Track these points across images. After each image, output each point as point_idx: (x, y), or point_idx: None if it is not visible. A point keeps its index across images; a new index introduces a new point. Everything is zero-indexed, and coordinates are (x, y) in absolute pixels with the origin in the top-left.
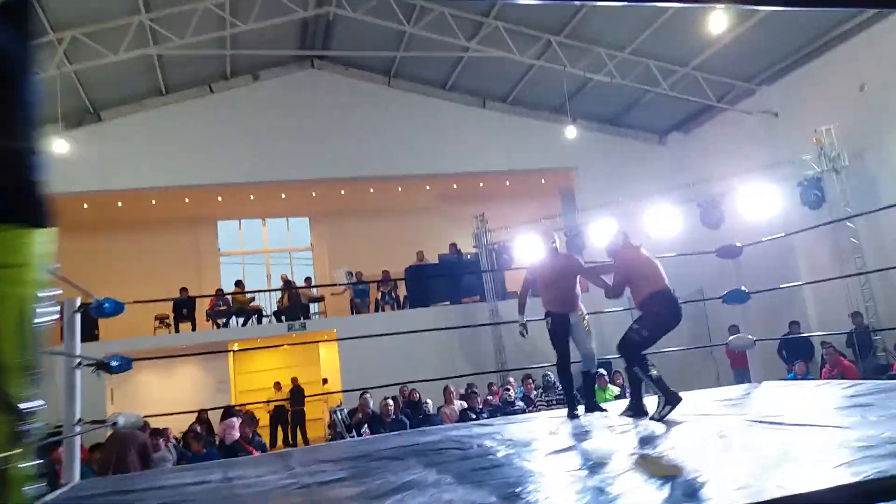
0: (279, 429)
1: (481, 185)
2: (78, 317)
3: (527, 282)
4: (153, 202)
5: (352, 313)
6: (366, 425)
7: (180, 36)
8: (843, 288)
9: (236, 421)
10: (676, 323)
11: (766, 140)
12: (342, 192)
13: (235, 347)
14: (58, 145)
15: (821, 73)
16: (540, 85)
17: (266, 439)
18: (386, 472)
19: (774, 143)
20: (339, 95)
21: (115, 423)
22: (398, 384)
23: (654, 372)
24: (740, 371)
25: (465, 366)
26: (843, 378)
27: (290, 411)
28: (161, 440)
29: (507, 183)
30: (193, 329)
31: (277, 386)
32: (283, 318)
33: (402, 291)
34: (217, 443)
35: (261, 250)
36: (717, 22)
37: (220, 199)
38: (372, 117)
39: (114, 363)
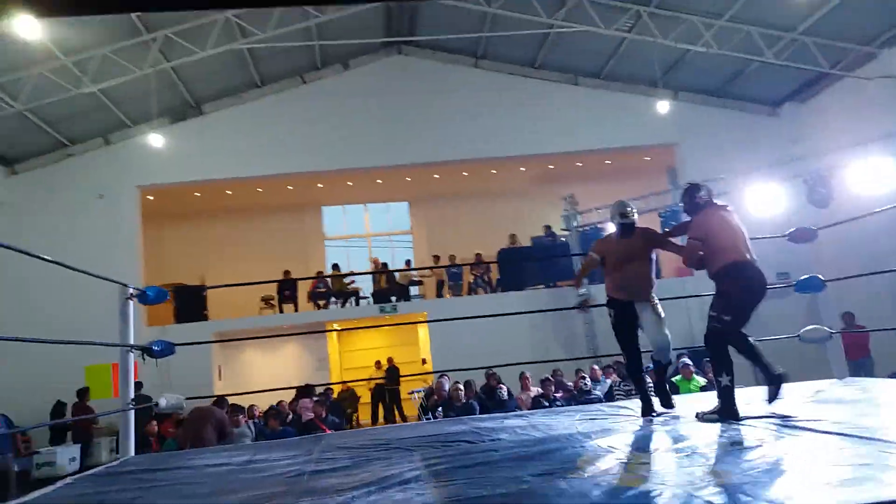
0: (379, 406)
1: (579, 164)
2: (130, 304)
3: (590, 260)
4: (258, 190)
5: (438, 295)
6: (440, 408)
7: (265, 30)
8: None
9: (309, 402)
10: (759, 298)
11: (890, 107)
12: (436, 176)
13: (335, 327)
14: (163, 138)
15: None
16: (633, 58)
17: (368, 416)
18: (377, 464)
19: None
20: (427, 80)
21: (156, 405)
22: (484, 367)
23: (724, 380)
24: (857, 361)
25: (558, 351)
26: None
27: (387, 390)
28: (241, 416)
29: (608, 162)
30: (296, 310)
31: (378, 365)
32: (380, 299)
33: (496, 275)
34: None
35: (363, 234)
36: None
37: (320, 185)
38: (461, 100)
39: (156, 348)
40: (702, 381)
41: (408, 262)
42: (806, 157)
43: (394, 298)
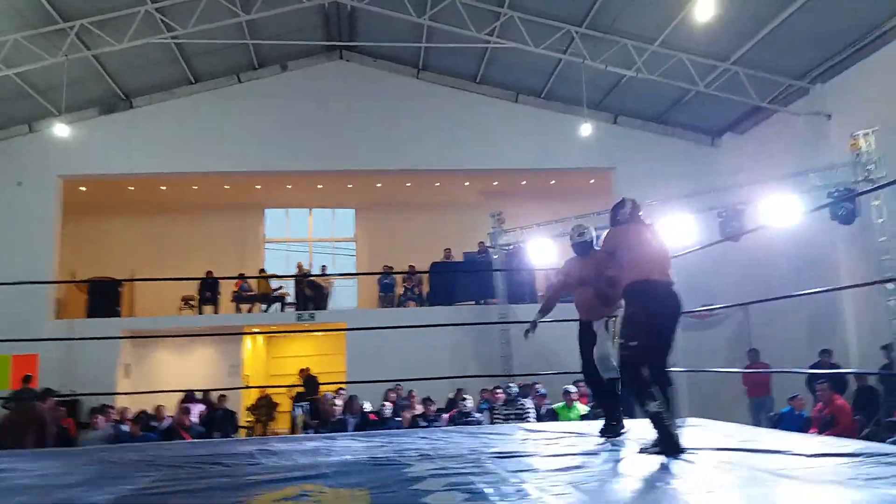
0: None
1: (524, 182)
2: None
3: (554, 283)
4: (194, 188)
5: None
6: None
7: (188, 25)
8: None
9: (164, 410)
10: (671, 323)
11: (815, 144)
12: (378, 185)
13: (255, 332)
14: (93, 129)
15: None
16: (572, 80)
17: (289, 424)
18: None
19: (824, 147)
20: (369, 87)
21: None
22: (396, 381)
23: (651, 405)
24: (758, 399)
25: (475, 369)
26: (831, 421)
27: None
28: (101, 418)
29: (553, 182)
30: (215, 312)
31: (302, 373)
32: (304, 306)
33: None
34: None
35: (304, 239)
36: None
37: (258, 187)
38: (403, 110)
39: None
40: (583, 408)
41: (323, 268)
42: (741, 187)
43: (310, 305)
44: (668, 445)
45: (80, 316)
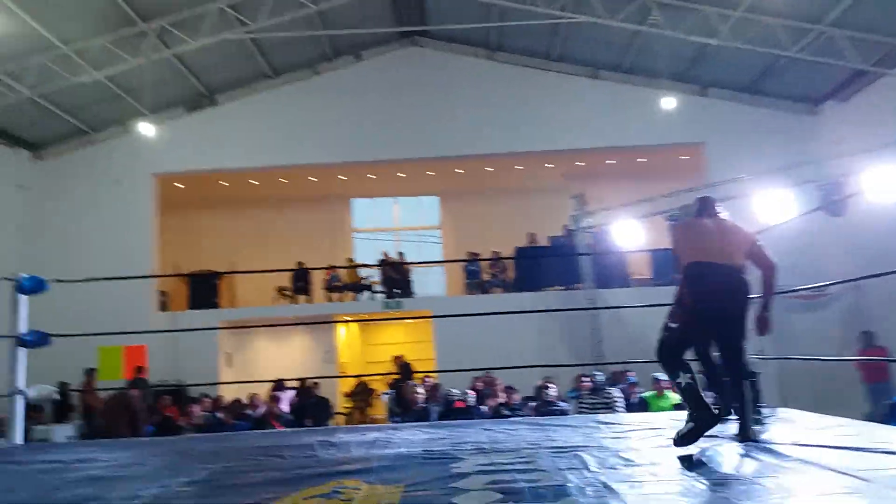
0: None
1: (611, 162)
2: (22, 297)
3: None
4: (282, 181)
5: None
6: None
7: (260, 19)
8: None
9: (259, 398)
10: (709, 308)
11: None
12: (458, 171)
13: (346, 320)
14: (181, 127)
15: None
16: (654, 51)
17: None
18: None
19: None
20: (442, 72)
21: (22, 394)
22: (485, 369)
23: (682, 379)
24: (876, 385)
25: (565, 356)
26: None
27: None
28: (196, 407)
29: (643, 160)
30: (309, 301)
31: (396, 360)
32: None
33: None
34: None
35: (390, 227)
36: None
37: (342, 177)
38: (477, 93)
39: (28, 338)
40: (676, 397)
41: (400, 255)
42: (843, 158)
43: (398, 293)
44: (702, 417)
45: (182, 308)
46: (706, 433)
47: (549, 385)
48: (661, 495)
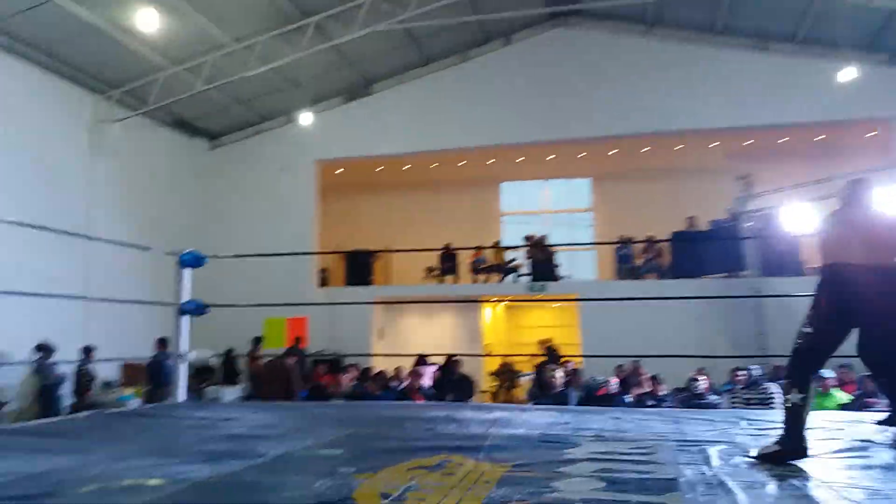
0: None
1: (783, 140)
2: (186, 272)
3: None
4: (433, 165)
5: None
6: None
7: (411, 8)
8: None
9: (404, 370)
10: (844, 314)
11: None
12: (613, 151)
13: (493, 301)
14: (340, 116)
15: None
16: (833, 18)
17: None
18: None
19: None
20: (595, 51)
21: (182, 357)
22: (631, 356)
23: (793, 397)
24: None
25: (726, 347)
26: None
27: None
28: (346, 376)
29: (821, 137)
30: (456, 281)
31: (542, 343)
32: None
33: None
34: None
35: (540, 210)
36: None
37: (491, 161)
38: (633, 71)
39: (187, 307)
40: (844, 396)
41: (543, 238)
42: None
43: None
44: (790, 446)
45: (340, 285)
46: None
47: (699, 377)
48: (779, 499)
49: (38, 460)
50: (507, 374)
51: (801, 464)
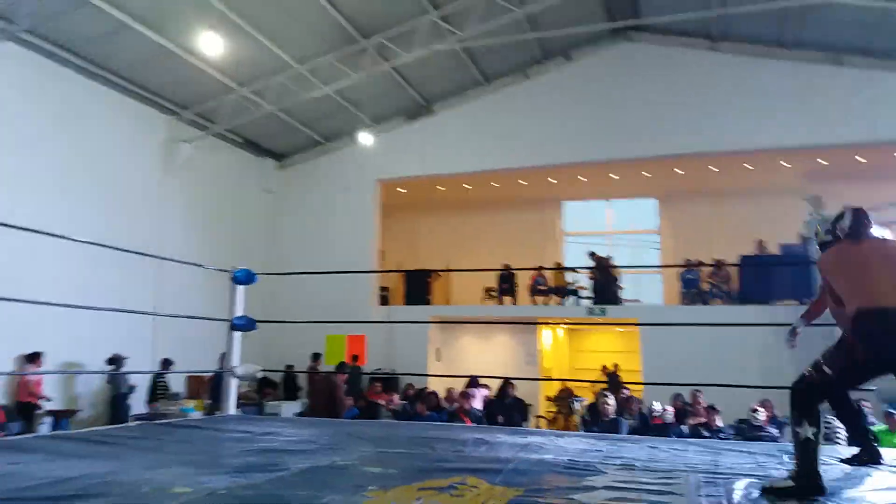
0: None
1: (861, 160)
2: (239, 289)
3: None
4: (494, 185)
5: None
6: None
7: (468, 28)
8: None
9: (455, 392)
10: (886, 365)
11: None
12: (678, 171)
13: (549, 323)
14: (401, 136)
15: None
16: None
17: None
18: (347, 451)
19: None
20: (658, 67)
21: (231, 371)
22: (693, 385)
23: (805, 431)
24: None
25: (794, 377)
26: None
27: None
28: (395, 396)
29: None
30: (514, 302)
31: (604, 369)
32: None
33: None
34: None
35: (603, 231)
36: None
37: (552, 180)
38: (698, 87)
39: (238, 323)
40: None
41: (607, 260)
42: None
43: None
44: (805, 483)
45: (400, 303)
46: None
47: (759, 408)
48: None
49: (76, 466)
50: (565, 400)
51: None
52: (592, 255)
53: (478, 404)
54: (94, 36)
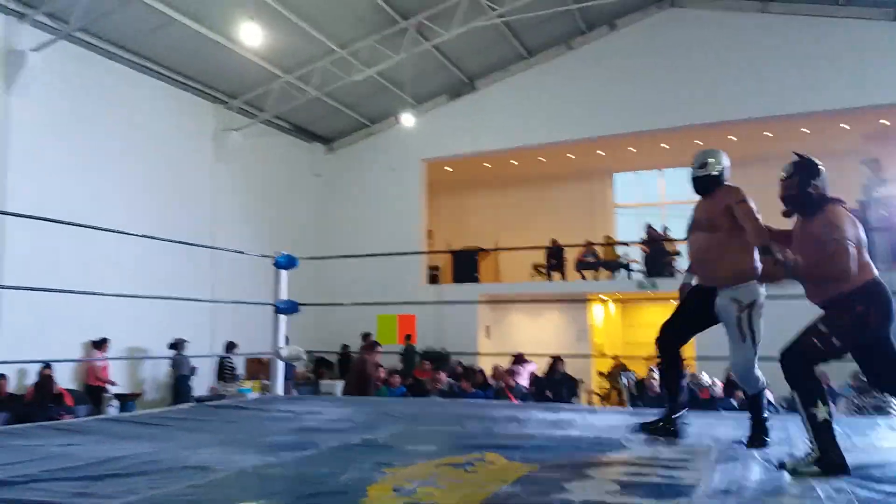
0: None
1: None
2: (283, 273)
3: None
4: (541, 159)
5: None
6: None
7: (507, 2)
8: None
9: (501, 369)
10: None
11: None
12: (731, 138)
13: (602, 298)
14: (444, 114)
15: None
16: None
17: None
18: (379, 429)
19: None
20: (707, 32)
21: (276, 353)
22: None
23: (821, 412)
24: None
25: None
26: None
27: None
28: (442, 374)
29: None
30: (563, 278)
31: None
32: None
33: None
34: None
35: (656, 203)
36: None
37: (600, 152)
38: (749, 51)
39: (281, 306)
40: None
41: (665, 231)
42: None
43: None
44: (830, 463)
45: (448, 282)
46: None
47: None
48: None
49: (123, 447)
50: (617, 376)
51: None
52: (649, 227)
53: (523, 381)
54: (143, 31)
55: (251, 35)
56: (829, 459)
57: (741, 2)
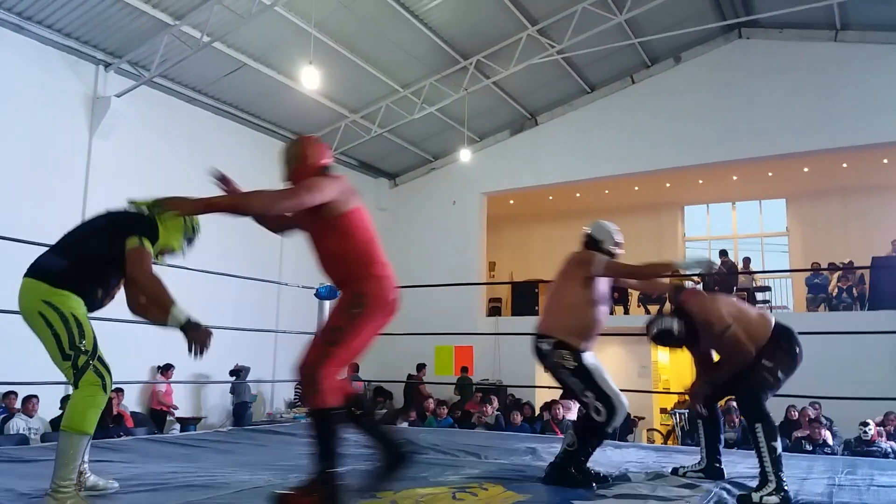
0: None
1: None
2: (325, 304)
3: None
4: (606, 192)
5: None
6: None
7: (566, 38)
8: None
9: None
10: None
11: None
12: (805, 169)
13: None
14: (507, 149)
15: None
16: None
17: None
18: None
19: None
20: (776, 62)
21: None
22: (809, 397)
23: (778, 445)
24: None
25: None
26: None
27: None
28: (489, 407)
29: None
30: (625, 312)
31: None
32: None
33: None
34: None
35: (728, 235)
36: None
37: (667, 185)
38: (820, 80)
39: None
40: None
41: (746, 261)
42: None
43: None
44: (785, 496)
45: (508, 315)
46: None
47: (869, 421)
48: None
49: (150, 466)
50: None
51: None
52: (723, 253)
53: (571, 416)
54: (217, 76)
55: (310, 78)
56: (783, 490)
57: (811, 31)
